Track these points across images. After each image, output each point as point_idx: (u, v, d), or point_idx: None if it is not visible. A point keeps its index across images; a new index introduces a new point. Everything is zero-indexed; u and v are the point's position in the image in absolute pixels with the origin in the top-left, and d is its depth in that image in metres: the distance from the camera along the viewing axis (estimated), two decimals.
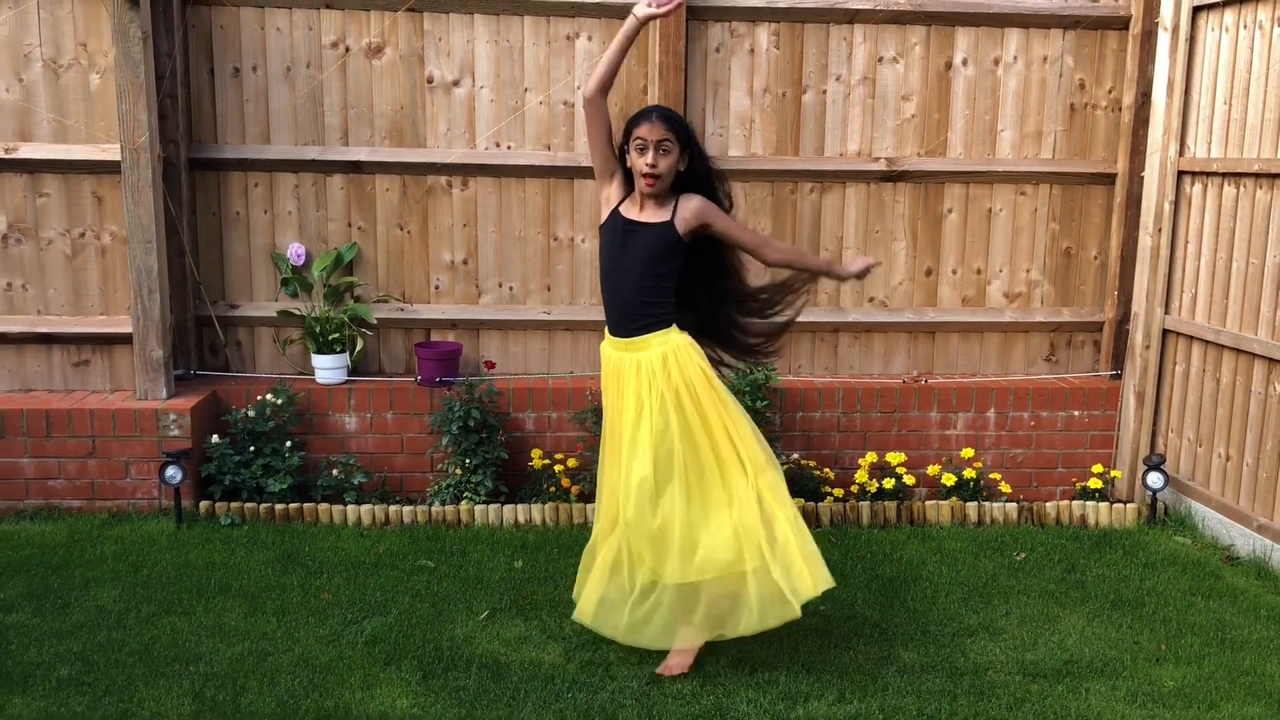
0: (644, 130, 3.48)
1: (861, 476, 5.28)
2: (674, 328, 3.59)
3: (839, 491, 5.26)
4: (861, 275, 3.87)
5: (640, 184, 3.53)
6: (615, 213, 3.60)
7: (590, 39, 5.30)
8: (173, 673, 3.56)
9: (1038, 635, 3.97)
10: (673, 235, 3.54)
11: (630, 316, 3.57)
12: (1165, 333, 5.30)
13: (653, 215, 3.56)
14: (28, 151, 5.03)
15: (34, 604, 4.04)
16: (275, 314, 5.37)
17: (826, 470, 5.35)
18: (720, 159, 5.38)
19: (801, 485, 5.24)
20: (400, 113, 5.33)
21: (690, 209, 3.56)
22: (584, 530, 4.91)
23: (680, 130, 3.52)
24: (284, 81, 5.25)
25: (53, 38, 5.00)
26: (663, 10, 3.47)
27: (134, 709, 3.34)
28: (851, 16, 5.37)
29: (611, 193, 3.64)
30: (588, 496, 5.10)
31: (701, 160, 3.61)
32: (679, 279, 3.62)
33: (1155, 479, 5.10)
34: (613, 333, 3.62)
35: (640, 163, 3.49)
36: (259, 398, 5.12)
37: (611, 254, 3.60)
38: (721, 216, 3.61)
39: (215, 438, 5.01)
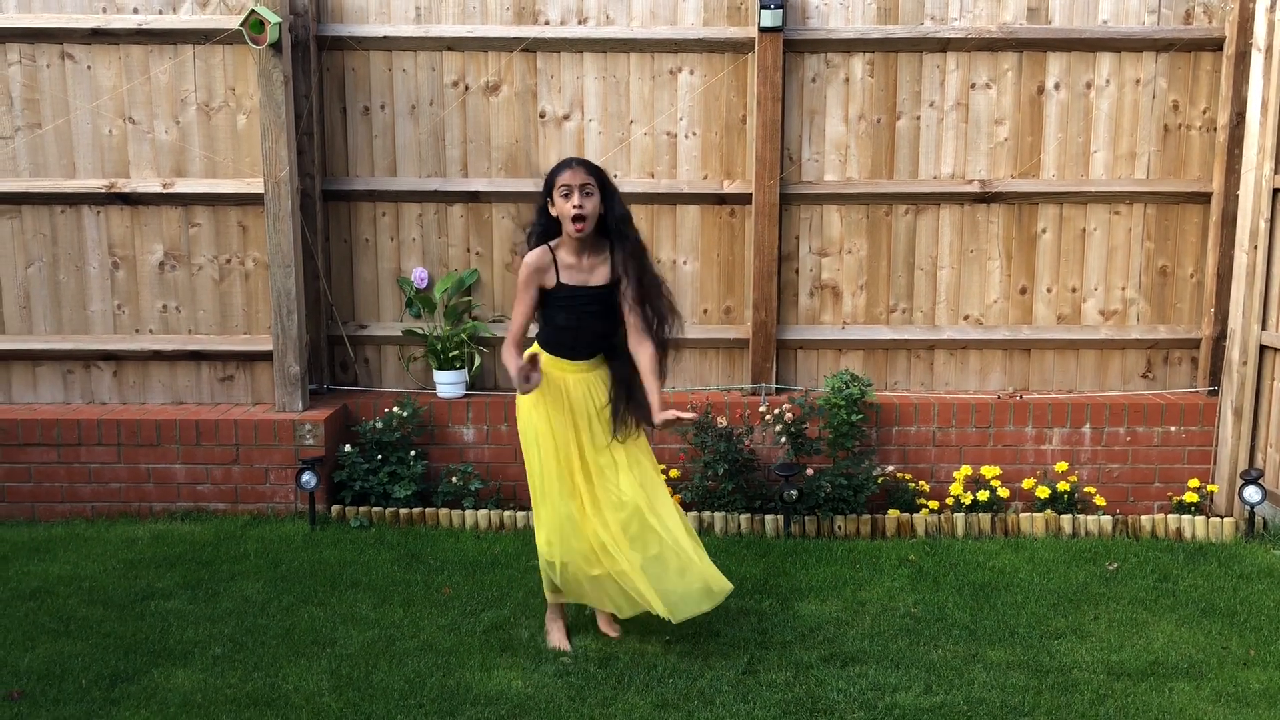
0: (567, 178, 3.74)
1: (956, 489, 5.42)
2: None
3: (934, 504, 5.41)
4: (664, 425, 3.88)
5: (570, 228, 3.77)
6: (562, 285, 3.84)
7: (692, 73, 5.61)
8: (312, 654, 3.94)
9: (1125, 638, 4.09)
10: (615, 288, 3.89)
11: (593, 348, 3.95)
12: (1262, 349, 5.33)
13: (598, 276, 3.86)
14: (182, 186, 5.56)
15: (189, 593, 4.48)
16: (400, 333, 5.78)
17: (922, 483, 5.51)
18: (817, 183, 5.66)
19: (897, 497, 5.42)
20: (515, 145, 5.71)
21: (619, 266, 3.86)
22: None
23: (598, 174, 3.80)
24: (409, 118, 5.68)
25: (206, 84, 5.52)
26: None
27: (279, 683, 3.72)
28: (944, 45, 5.57)
29: (546, 278, 3.85)
30: (688, 505, 5.36)
31: (617, 202, 3.86)
32: None
33: (1253, 493, 5.14)
34: (571, 358, 3.92)
35: (567, 206, 3.74)
36: (386, 411, 5.52)
37: (573, 317, 3.87)
38: (635, 274, 3.86)
39: (347, 447, 5.43)
